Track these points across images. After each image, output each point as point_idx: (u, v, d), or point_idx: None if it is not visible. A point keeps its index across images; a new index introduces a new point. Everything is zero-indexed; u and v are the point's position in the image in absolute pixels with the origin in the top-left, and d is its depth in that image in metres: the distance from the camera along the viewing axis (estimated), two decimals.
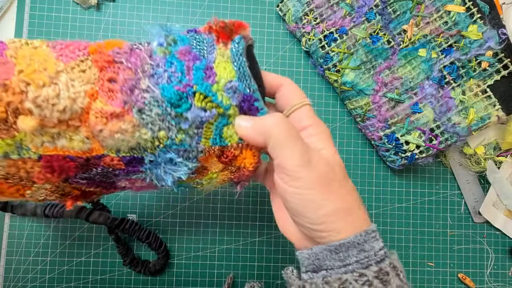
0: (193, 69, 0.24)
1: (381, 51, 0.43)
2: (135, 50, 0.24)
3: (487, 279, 0.47)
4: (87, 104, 0.23)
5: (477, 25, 0.41)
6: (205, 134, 0.25)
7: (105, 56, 0.23)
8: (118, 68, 0.23)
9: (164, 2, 0.47)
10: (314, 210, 0.24)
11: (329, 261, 0.24)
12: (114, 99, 0.23)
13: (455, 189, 0.48)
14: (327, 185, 0.24)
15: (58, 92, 0.22)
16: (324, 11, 0.44)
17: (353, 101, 0.45)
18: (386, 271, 0.23)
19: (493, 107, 0.42)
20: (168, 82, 0.23)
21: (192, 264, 0.45)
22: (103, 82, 0.23)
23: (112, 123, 0.23)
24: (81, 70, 0.23)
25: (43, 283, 0.43)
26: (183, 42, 0.24)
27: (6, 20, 0.46)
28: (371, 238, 0.24)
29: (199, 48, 0.25)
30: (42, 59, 0.22)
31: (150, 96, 0.23)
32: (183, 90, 0.23)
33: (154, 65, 0.24)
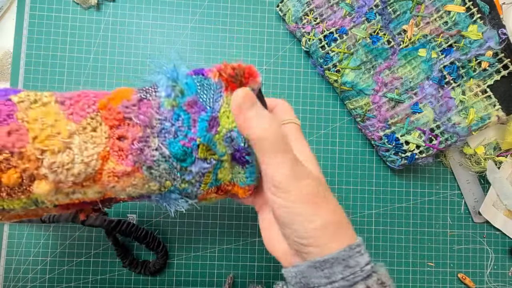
0: (198, 121, 0.24)
1: (381, 51, 0.43)
2: (143, 101, 0.24)
3: (487, 279, 0.47)
4: (100, 166, 0.23)
5: (477, 25, 0.41)
6: (205, 181, 0.26)
7: (114, 113, 0.24)
8: (127, 124, 0.24)
9: (164, 2, 0.47)
10: (302, 224, 0.23)
11: (315, 279, 0.24)
12: (125, 159, 0.24)
13: (455, 189, 0.48)
14: (316, 199, 0.24)
15: (72, 157, 0.22)
16: (324, 11, 0.44)
17: (353, 101, 0.45)
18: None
19: (493, 107, 0.42)
20: (175, 136, 0.24)
21: (192, 264, 0.45)
22: (114, 141, 0.24)
23: (123, 180, 0.24)
24: (92, 129, 0.23)
25: (43, 283, 0.43)
26: (190, 91, 0.24)
27: (6, 20, 0.46)
28: (355, 253, 0.23)
29: (206, 96, 0.25)
30: (53, 120, 0.22)
31: (159, 153, 0.24)
32: (188, 145, 0.24)
33: (162, 119, 0.24)
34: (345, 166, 0.47)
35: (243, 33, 0.47)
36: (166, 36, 0.47)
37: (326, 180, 0.48)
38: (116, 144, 0.24)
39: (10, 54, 0.45)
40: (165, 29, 0.47)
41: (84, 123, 0.23)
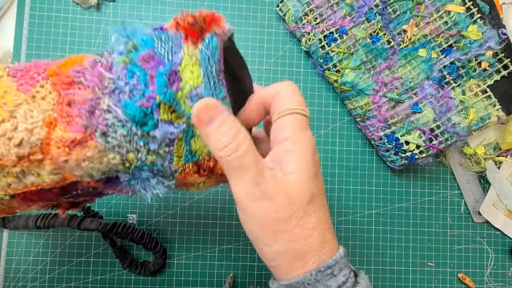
0: (156, 76, 0.21)
1: (381, 51, 0.43)
2: (97, 65, 0.22)
3: (487, 279, 0.47)
4: (46, 134, 0.21)
5: (477, 25, 0.41)
6: (177, 152, 0.23)
7: (64, 77, 0.22)
8: (78, 89, 0.21)
9: (164, 2, 0.47)
10: (262, 247, 0.22)
11: None
12: (74, 124, 0.21)
13: (455, 189, 0.48)
14: (276, 224, 0.21)
15: (16, 125, 0.20)
16: (324, 11, 0.44)
17: (353, 101, 0.45)
18: None
19: (493, 107, 0.42)
20: (131, 96, 0.21)
21: (192, 264, 0.45)
22: (62, 107, 0.21)
23: (75, 152, 0.21)
24: (42, 98, 0.21)
25: (43, 283, 0.43)
26: (145, 45, 0.22)
27: (6, 20, 0.46)
28: (325, 276, 0.21)
29: (164, 49, 0.22)
30: (3, 92, 0.21)
31: (112, 116, 0.21)
32: (147, 105, 0.21)
33: (114, 78, 0.21)
34: (345, 166, 0.47)
35: (243, 33, 0.47)
36: None
37: (326, 181, 0.48)
38: (64, 110, 0.21)
39: (10, 54, 0.45)
40: None
41: (33, 91, 0.21)
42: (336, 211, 0.46)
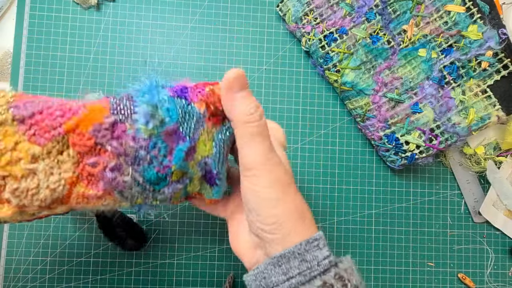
0: (176, 150, 0.23)
1: (381, 51, 0.43)
2: (117, 124, 0.22)
3: (487, 279, 0.47)
4: (68, 192, 0.22)
5: (477, 25, 0.41)
6: (175, 196, 0.26)
7: (84, 139, 0.22)
8: (99, 150, 0.22)
9: (164, 2, 0.47)
10: (267, 209, 0.24)
11: (274, 277, 0.24)
12: (96, 184, 0.22)
13: (455, 189, 0.48)
14: (285, 187, 0.24)
15: (37, 183, 0.21)
16: (324, 11, 0.44)
17: (353, 101, 0.45)
18: (330, 283, 0.22)
19: (493, 107, 0.42)
20: (150, 163, 0.23)
21: (192, 264, 0.45)
22: (83, 167, 0.22)
23: (93, 202, 0.23)
24: (58, 152, 0.22)
25: (43, 283, 0.43)
26: (171, 119, 0.23)
27: (6, 20, 0.46)
28: (313, 248, 0.23)
29: (187, 126, 0.24)
30: (13, 142, 0.21)
31: (131, 179, 0.23)
32: (163, 172, 0.23)
33: (137, 147, 0.22)
34: (345, 166, 0.47)
35: (243, 33, 0.47)
36: (166, 36, 0.47)
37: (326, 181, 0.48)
38: (86, 170, 0.22)
39: (10, 54, 0.45)
40: (165, 29, 0.47)
41: (49, 146, 0.21)
42: (336, 211, 0.46)
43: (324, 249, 0.24)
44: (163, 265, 0.44)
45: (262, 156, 0.24)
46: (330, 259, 0.24)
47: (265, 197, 0.24)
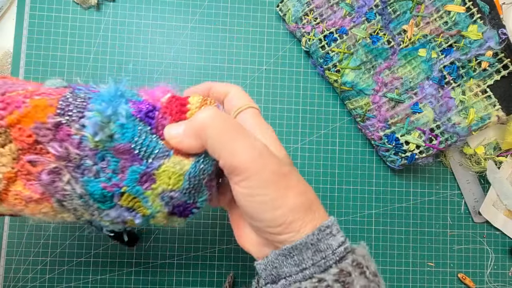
0: (128, 170, 0.21)
1: (381, 51, 0.43)
2: (62, 126, 0.21)
3: (487, 279, 0.47)
4: (5, 187, 0.21)
5: (477, 25, 0.41)
6: (130, 223, 0.24)
7: (25, 134, 0.20)
8: (40, 149, 0.21)
9: (164, 2, 0.47)
10: (269, 212, 0.21)
11: (286, 268, 0.22)
12: (33, 185, 0.21)
13: (455, 189, 0.48)
14: (280, 181, 0.21)
15: None
16: (324, 11, 0.44)
17: (353, 101, 0.45)
18: (347, 271, 0.20)
19: (493, 107, 0.42)
20: (96, 176, 0.21)
21: (192, 264, 0.45)
22: (23, 164, 0.21)
23: (31, 206, 0.22)
24: (0, 145, 0.21)
25: (43, 283, 0.43)
26: (122, 137, 0.21)
27: (6, 20, 0.46)
28: (325, 236, 0.22)
29: (145, 150, 0.21)
30: None
31: (71, 189, 0.21)
32: (110, 190, 0.21)
33: (82, 155, 0.21)
34: (345, 166, 0.47)
35: (243, 33, 0.47)
36: (166, 36, 0.47)
37: (326, 181, 0.48)
38: (25, 167, 0.21)
39: (10, 54, 0.45)
40: (165, 29, 0.47)
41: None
42: (336, 211, 0.46)
43: (338, 235, 0.22)
44: (163, 265, 0.44)
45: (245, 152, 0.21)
46: (346, 246, 0.22)
47: (261, 200, 0.21)
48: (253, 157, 0.21)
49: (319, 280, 0.20)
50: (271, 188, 0.21)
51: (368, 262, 0.22)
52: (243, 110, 0.25)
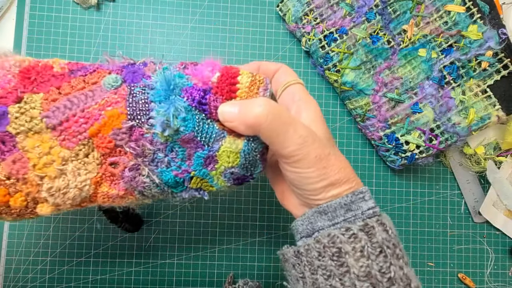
0: (194, 157, 0.25)
1: (381, 51, 0.43)
2: (135, 128, 0.24)
3: (487, 279, 0.47)
4: (94, 191, 0.25)
5: (477, 25, 0.41)
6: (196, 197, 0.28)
7: (105, 141, 0.24)
8: (119, 151, 0.25)
9: (164, 2, 0.47)
10: (312, 185, 0.25)
11: (320, 222, 0.26)
12: (117, 184, 0.25)
13: (455, 189, 0.48)
14: (324, 160, 0.25)
15: (67, 182, 0.24)
16: (324, 11, 0.44)
17: (353, 101, 0.45)
18: (371, 225, 0.24)
19: (493, 107, 0.42)
20: (168, 166, 0.25)
21: (192, 264, 0.45)
22: (106, 167, 0.25)
23: (118, 200, 0.26)
24: (85, 155, 0.25)
25: (43, 283, 0.43)
26: (186, 128, 0.24)
27: (6, 20, 0.46)
28: (358, 199, 0.25)
29: (204, 137, 0.25)
30: (48, 147, 0.24)
31: (150, 180, 0.25)
32: (181, 176, 0.25)
33: (155, 149, 0.25)
34: None
35: (243, 33, 0.47)
36: (166, 36, 0.47)
37: None
38: (108, 170, 0.25)
39: None
40: (165, 29, 0.47)
41: (76, 149, 0.24)
42: None
43: (370, 201, 0.25)
44: (163, 265, 0.44)
45: (294, 144, 0.24)
46: (375, 210, 0.25)
47: (307, 176, 0.25)
48: (299, 147, 0.24)
49: (347, 229, 0.24)
50: (314, 167, 0.25)
51: (391, 224, 0.25)
52: (292, 84, 0.29)
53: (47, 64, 0.25)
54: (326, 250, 0.24)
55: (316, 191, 0.25)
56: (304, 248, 0.25)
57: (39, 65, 0.25)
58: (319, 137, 0.26)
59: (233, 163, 0.26)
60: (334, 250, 0.24)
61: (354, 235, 0.23)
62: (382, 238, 0.23)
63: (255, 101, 0.25)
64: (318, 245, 0.24)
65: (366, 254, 0.23)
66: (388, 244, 0.23)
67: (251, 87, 0.26)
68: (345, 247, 0.23)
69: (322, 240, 0.24)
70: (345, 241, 0.23)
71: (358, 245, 0.23)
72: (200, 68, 0.26)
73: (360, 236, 0.23)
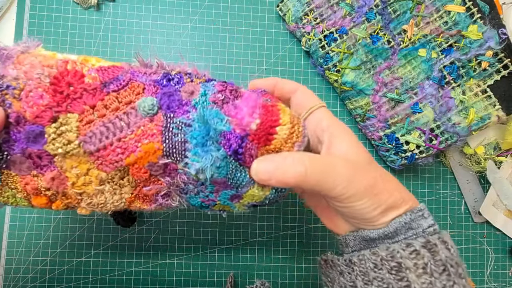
0: (222, 193, 0.27)
1: (381, 51, 0.43)
2: (169, 164, 0.25)
3: (487, 279, 0.47)
4: (127, 206, 0.28)
5: (477, 25, 0.41)
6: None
7: (141, 171, 0.25)
8: (153, 181, 0.26)
9: (164, 2, 0.47)
10: (370, 213, 0.25)
11: (378, 240, 0.25)
12: (149, 204, 0.28)
13: (455, 189, 0.48)
14: (374, 187, 0.24)
15: (104, 200, 0.27)
16: (324, 11, 0.44)
17: (353, 101, 0.45)
18: (434, 243, 0.23)
19: (493, 107, 0.42)
20: (196, 194, 0.27)
21: (192, 264, 0.45)
22: (140, 190, 0.27)
23: (147, 211, 0.29)
24: (120, 178, 0.26)
25: (43, 283, 0.43)
26: (219, 174, 0.25)
27: (6, 20, 0.46)
28: (418, 217, 0.25)
29: (235, 183, 0.26)
30: (86, 169, 0.25)
31: (179, 203, 0.28)
32: (207, 203, 0.27)
33: (186, 182, 0.26)
34: None
35: (243, 33, 0.47)
36: (166, 36, 0.47)
37: None
38: (142, 192, 0.27)
39: None
40: (165, 29, 0.47)
41: (113, 173, 0.26)
42: None
43: (429, 218, 0.25)
44: (163, 265, 0.44)
45: (340, 185, 0.24)
46: (435, 228, 0.25)
47: (363, 207, 0.24)
48: (345, 184, 0.24)
49: (407, 245, 0.23)
50: (366, 198, 0.24)
51: (452, 243, 0.24)
52: (315, 109, 0.28)
53: (77, 72, 0.25)
54: (383, 263, 0.24)
55: (374, 218, 0.25)
56: (358, 257, 0.25)
57: (68, 72, 0.24)
58: (361, 165, 0.25)
59: (257, 198, 0.27)
60: (393, 264, 0.23)
61: (416, 251, 0.23)
62: (446, 256, 0.23)
63: (292, 161, 0.24)
64: (375, 257, 0.24)
65: (429, 271, 0.23)
66: (451, 263, 0.23)
67: (288, 140, 0.26)
68: (406, 263, 0.23)
69: (379, 253, 0.24)
70: (406, 256, 0.23)
71: (420, 261, 0.23)
72: (241, 106, 0.25)
73: (423, 253, 0.23)
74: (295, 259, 0.45)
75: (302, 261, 0.46)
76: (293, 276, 0.45)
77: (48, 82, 0.24)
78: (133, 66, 0.28)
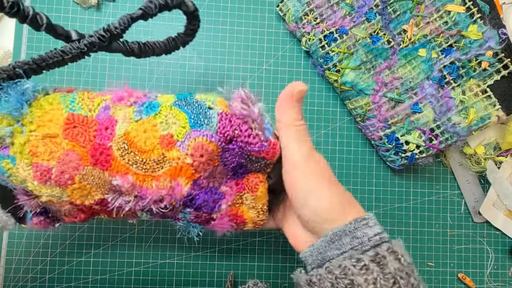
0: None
1: (381, 51, 0.43)
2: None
3: (487, 279, 0.47)
4: None
5: (477, 25, 0.41)
6: None
7: None
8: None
9: None
10: (316, 200, 0.26)
11: (329, 251, 0.26)
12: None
13: (455, 189, 0.48)
14: (327, 177, 0.27)
15: None
16: (324, 11, 0.44)
17: (353, 101, 0.45)
18: (382, 255, 0.24)
19: (493, 107, 0.42)
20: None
21: (192, 264, 0.45)
22: None
23: None
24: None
25: (43, 283, 0.43)
26: None
27: (6, 20, 0.46)
28: (362, 226, 0.25)
29: None
30: None
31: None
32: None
33: None
34: (345, 166, 0.47)
35: (243, 33, 0.47)
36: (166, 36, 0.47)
37: None
38: None
39: (10, 54, 0.45)
40: (165, 29, 0.47)
41: None
42: None
43: (375, 227, 0.25)
44: (163, 265, 0.44)
45: (305, 153, 0.27)
46: (382, 236, 0.25)
47: (311, 187, 0.26)
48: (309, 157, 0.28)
49: (357, 260, 0.24)
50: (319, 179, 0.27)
51: (403, 252, 0.24)
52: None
53: None
54: (338, 282, 0.24)
55: (320, 207, 0.26)
56: (317, 277, 0.25)
57: None
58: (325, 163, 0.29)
59: None
60: (346, 282, 0.23)
61: (365, 266, 0.23)
62: (395, 269, 0.23)
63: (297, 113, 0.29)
64: (330, 276, 0.24)
65: (379, 286, 0.23)
66: (401, 275, 0.23)
67: None
68: (357, 279, 0.23)
69: (334, 271, 0.24)
70: (357, 273, 0.23)
71: (370, 276, 0.23)
72: None
73: (372, 268, 0.23)
74: (295, 259, 0.45)
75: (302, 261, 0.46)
76: None
77: None
78: None
